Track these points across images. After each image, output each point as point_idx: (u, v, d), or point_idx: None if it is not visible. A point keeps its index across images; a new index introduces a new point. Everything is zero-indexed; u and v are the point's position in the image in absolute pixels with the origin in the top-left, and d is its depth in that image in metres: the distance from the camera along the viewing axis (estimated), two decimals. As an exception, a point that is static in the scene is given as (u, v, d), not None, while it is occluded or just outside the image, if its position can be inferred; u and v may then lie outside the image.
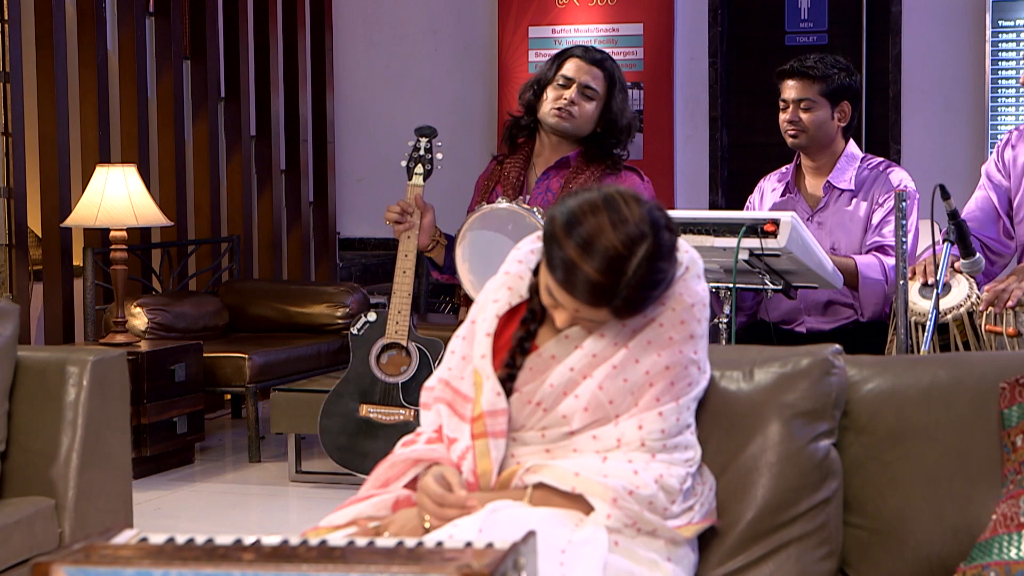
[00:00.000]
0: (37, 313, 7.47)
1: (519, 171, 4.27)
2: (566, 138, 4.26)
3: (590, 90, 4.25)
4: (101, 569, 1.66)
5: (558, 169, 4.24)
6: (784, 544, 2.73)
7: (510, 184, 4.25)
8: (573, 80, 4.25)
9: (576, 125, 4.23)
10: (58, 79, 7.16)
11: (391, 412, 4.24)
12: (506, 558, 1.66)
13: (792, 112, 4.69)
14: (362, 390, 4.30)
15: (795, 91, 4.68)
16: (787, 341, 4.56)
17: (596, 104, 4.25)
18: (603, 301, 2.52)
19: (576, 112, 4.23)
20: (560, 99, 4.23)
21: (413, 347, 4.27)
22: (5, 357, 3.87)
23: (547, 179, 4.25)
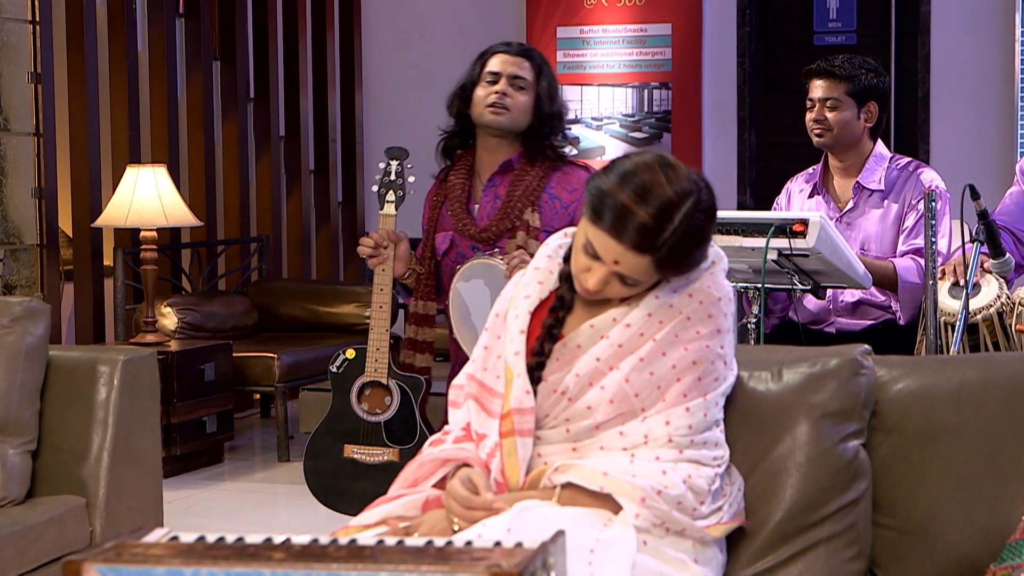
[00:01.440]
0: (68, 313, 7.51)
1: (463, 182, 4.15)
2: (504, 137, 4.13)
3: (520, 80, 4.12)
4: (132, 568, 1.67)
5: (503, 174, 4.13)
6: (813, 545, 2.72)
7: (456, 198, 4.13)
8: (500, 74, 4.13)
9: (513, 118, 4.09)
10: (89, 80, 7.19)
11: (375, 452, 4.11)
12: (535, 558, 1.66)
13: (818, 111, 4.68)
14: (344, 430, 4.17)
15: (821, 90, 4.68)
16: (816, 342, 4.55)
17: (528, 94, 4.12)
18: (649, 247, 2.55)
19: (510, 104, 4.09)
20: (491, 95, 4.10)
21: (393, 384, 4.13)
22: (36, 357, 3.90)
23: (493, 186, 4.13)
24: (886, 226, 4.66)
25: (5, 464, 3.76)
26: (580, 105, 8.60)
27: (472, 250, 4.09)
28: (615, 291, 2.64)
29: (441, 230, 4.16)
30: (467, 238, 4.09)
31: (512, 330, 2.72)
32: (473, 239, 4.08)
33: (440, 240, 4.15)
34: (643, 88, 8.51)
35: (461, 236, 4.11)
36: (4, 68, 7.24)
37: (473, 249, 4.09)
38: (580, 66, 8.60)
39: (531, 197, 4.06)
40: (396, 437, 4.10)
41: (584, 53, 8.59)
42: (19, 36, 7.23)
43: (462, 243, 4.11)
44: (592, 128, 8.58)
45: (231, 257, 8.35)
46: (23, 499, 3.80)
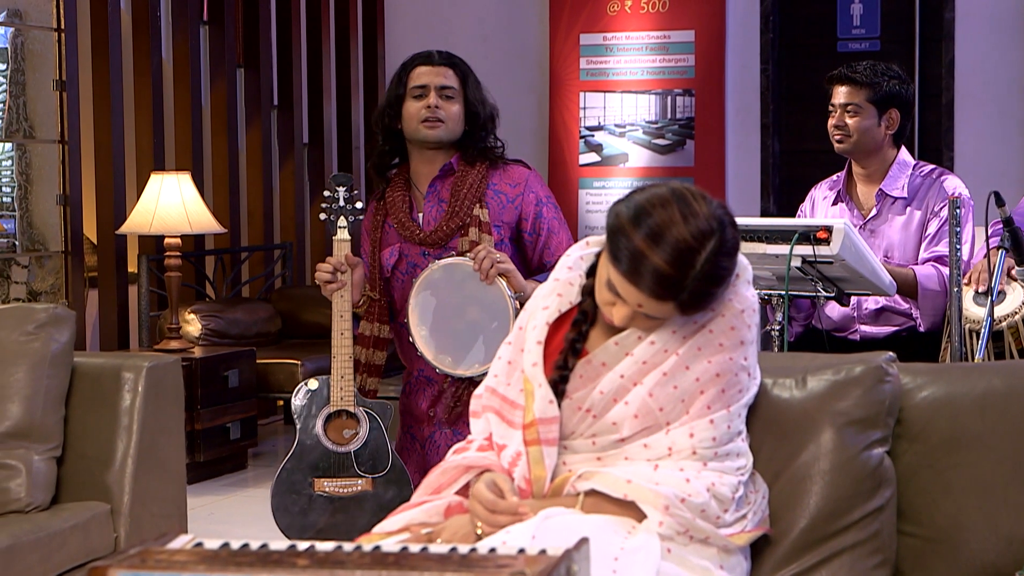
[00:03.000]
0: (92, 319, 7.53)
1: (402, 195, 4.10)
2: (440, 148, 4.09)
3: (448, 90, 4.07)
4: (156, 574, 1.68)
5: (443, 178, 4.08)
6: (837, 552, 2.71)
7: (398, 209, 4.08)
8: (427, 86, 4.08)
9: (449, 129, 4.06)
10: (113, 87, 7.22)
11: (347, 484, 3.98)
12: (559, 565, 1.66)
13: (838, 117, 4.68)
14: (312, 463, 4.03)
15: (842, 96, 4.67)
16: (840, 349, 4.54)
17: (457, 102, 4.08)
18: (669, 294, 2.52)
19: (443, 115, 4.05)
20: (423, 109, 4.05)
21: (361, 412, 4.02)
22: (61, 363, 3.91)
23: (435, 191, 4.08)
24: (909, 233, 4.65)
25: (30, 470, 3.77)
26: (603, 112, 8.60)
27: (423, 256, 4.04)
28: (641, 324, 2.62)
29: (386, 246, 4.11)
30: (416, 244, 4.05)
31: (530, 341, 2.71)
32: (423, 244, 4.04)
33: (387, 256, 4.10)
34: (666, 95, 8.50)
35: (410, 244, 4.07)
36: (29, 76, 7.26)
37: (424, 255, 4.04)
38: (603, 73, 8.60)
39: (477, 194, 4.04)
40: (368, 466, 4.00)
41: (607, 60, 8.58)
42: (44, 44, 7.27)
43: (411, 251, 4.07)
44: (615, 135, 8.58)
45: (255, 264, 8.37)
46: (48, 505, 3.81)
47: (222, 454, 6.80)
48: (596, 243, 2.76)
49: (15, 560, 3.54)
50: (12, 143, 7.56)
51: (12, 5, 7.30)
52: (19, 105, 7.43)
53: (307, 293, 8.13)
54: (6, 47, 7.45)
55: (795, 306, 4.66)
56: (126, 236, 7.26)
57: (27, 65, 7.32)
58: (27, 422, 3.80)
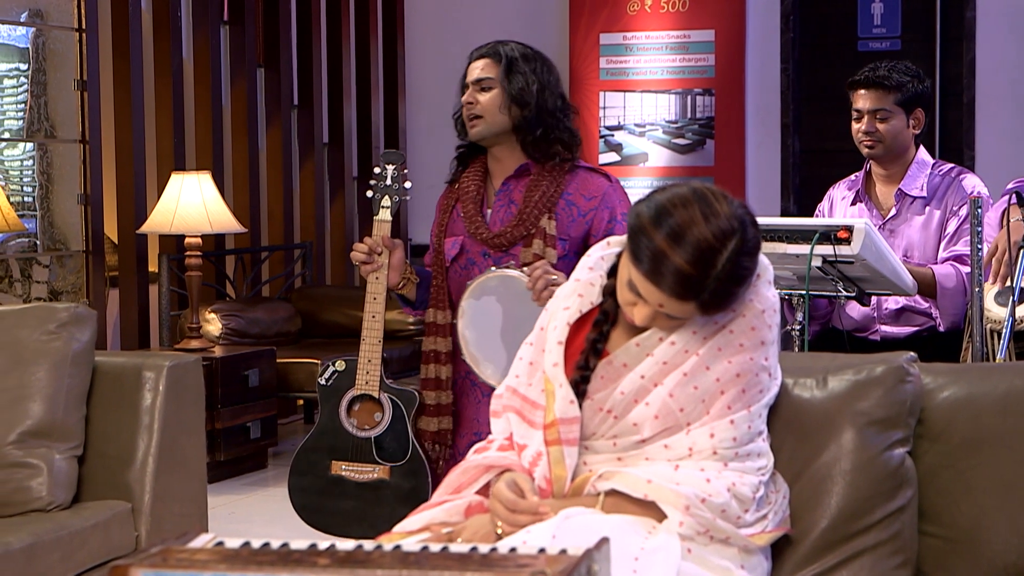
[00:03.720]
0: (113, 319, 7.56)
1: (477, 184, 3.96)
2: (500, 143, 3.93)
3: (484, 81, 3.92)
4: (178, 573, 1.68)
5: (518, 178, 3.94)
6: (858, 553, 2.71)
7: (469, 198, 3.94)
8: (468, 84, 3.97)
9: (487, 123, 3.87)
10: (134, 87, 7.24)
11: (364, 469, 3.86)
12: (580, 565, 1.66)
13: (868, 123, 4.64)
14: (332, 445, 3.91)
15: (870, 101, 4.63)
16: (861, 349, 4.53)
17: (495, 91, 3.91)
18: (690, 294, 2.52)
19: (479, 109, 3.89)
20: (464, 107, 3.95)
21: (385, 398, 3.90)
22: (83, 362, 3.92)
23: (507, 189, 3.94)
24: (929, 233, 4.64)
25: (52, 469, 3.78)
26: (623, 112, 8.59)
27: (483, 256, 3.90)
28: (663, 324, 2.62)
29: (451, 235, 3.98)
30: (479, 243, 3.91)
31: (550, 342, 2.71)
32: (486, 244, 3.89)
33: (449, 245, 3.97)
34: (686, 94, 8.49)
35: (473, 240, 3.92)
36: (51, 75, 7.29)
37: (484, 255, 3.90)
38: (623, 72, 8.60)
39: (548, 203, 3.87)
40: (387, 454, 3.89)
41: (627, 59, 8.58)
42: (65, 44, 7.29)
43: (473, 248, 3.93)
44: (635, 135, 8.57)
45: (275, 263, 8.38)
46: (69, 504, 3.83)
47: (242, 453, 6.81)
48: (617, 243, 2.76)
49: (36, 559, 3.55)
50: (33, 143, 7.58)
51: (34, 5, 7.33)
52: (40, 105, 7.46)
53: (327, 293, 8.14)
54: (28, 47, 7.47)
55: (812, 305, 4.65)
56: (147, 235, 7.28)
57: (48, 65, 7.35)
58: (48, 421, 3.81)
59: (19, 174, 7.81)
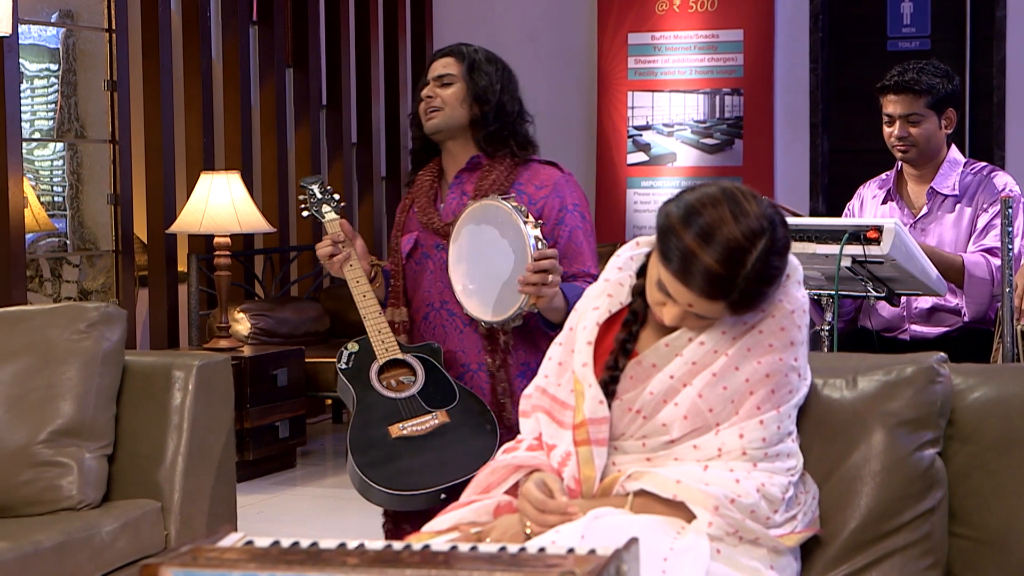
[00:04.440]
0: (142, 318, 7.59)
1: (431, 182, 3.97)
2: (455, 137, 3.92)
3: (445, 77, 3.91)
4: (207, 572, 1.68)
5: (470, 171, 3.93)
6: (888, 554, 2.70)
7: (423, 193, 3.96)
8: (428, 80, 3.96)
9: (446, 115, 3.88)
10: (163, 88, 7.27)
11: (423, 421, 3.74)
12: (608, 565, 1.66)
13: (900, 128, 4.61)
14: (382, 415, 3.77)
15: (901, 106, 4.60)
16: (891, 349, 4.51)
17: (457, 86, 3.90)
18: (720, 294, 2.51)
19: (438, 102, 3.88)
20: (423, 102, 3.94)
21: (410, 357, 3.83)
22: (113, 362, 3.93)
23: (460, 182, 3.93)
24: (960, 231, 4.62)
25: (82, 468, 3.79)
26: (651, 111, 8.59)
27: (436, 248, 3.89)
28: (692, 324, 2.62)
29: (406, 232, 3.99)
30: (432, 233, 3.90)
31: (580, 342, 2.71)
32: (438, 234, 3.88)
33: (405, 242, 3.97)
34: (715, 94, 8.48)
35: (426, 232, 3.92)
36: (81, 76, 7.32)
37: (437, 247, 3.89)
38: (651, 72, 8.59)
39: (499, 191, 3.83)
40: (437, 401, 3.78)
41: (655, 59, 8.57)
42: (95, 44, 7.32)
43: (427, 241, 3.92)
44: (663, 134, 8.57)
45: (303, 263, 8.40)
46: (99, 503, 3.84)
47: (271, 453, 6.83)
48: (646, 243, 2.75)
49: (66, 557, 3.57)
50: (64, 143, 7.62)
51: (64, 6, 7.36)
52: (70, 105, 7.49)
53: (356, 292, 8.15)
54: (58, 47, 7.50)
55: (839, 303, 4.63)
56: (176, 235, 7.30)
57: (78, 65, 7.38)
58: (79, 420, 3.83)
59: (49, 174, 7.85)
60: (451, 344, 3.88)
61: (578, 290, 3.66)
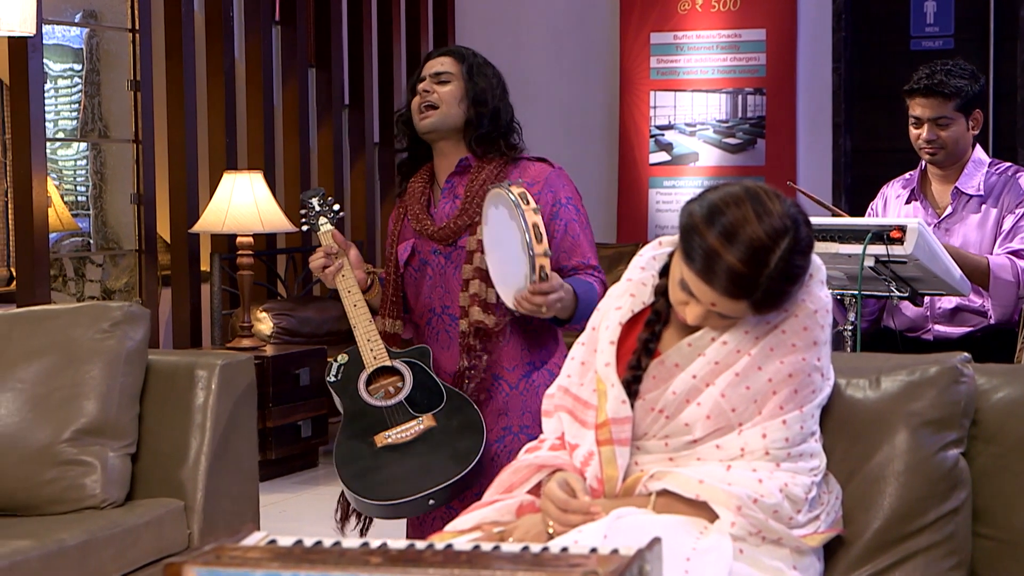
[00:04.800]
0: (165, 318, 7.61)
1: (423, 188, 3.93)
2: (448, 138, 3.87)
3: (443, 75, 3.86)
4: (231, 571, 1.68)
5: (460, 174, 3.88)
6: (912, 554, 2.69)
7: (415, 200, 3.91)
8: (424, 76, 3.90)
9: (442, 113, 3.83)
10: (187, 88, 7.29)
11: (408, 427, 3.70)
12: (631, 564, 1.66)
13: (928, 131, 4.58)
14: (367, 425, 3.74)
15: (930, 109, 4.58)
16: (914, 349, 4.50)
17: (455, 84, 3.85)
18: (743, 293, 2.51)
19: (435, 100, 3.83)
20: (418, 98, 3.86)
21: (399, 363, 3.79)
22: (136, 361, 3.94)
23: (451, 186, 3.88)
24: (985, 232, 4.60)
25: (105, 467, 3.81)
26: (673, 111, 8.58)
27: (434, 254, 3.86)
28: (715, 323, 2.62)
29: (402, 240, 3.95)
30: (427, 239, 3.87)
31: (602, 341, 2.71)
32: (433, 239, 3.85)
33: (402, 250, 3.93)
34: (737, 94, 8.47)
35: (421, 239, 3.89)
36: (104, 76, 7.35)
37: (435, 253, 3.86)
38: (674, 72, 8.58)
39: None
40: (423, 406, 3.74)
41: (678, 59, 8.56)
42: (119, 44, 7.35)
43: (424, 247, 3.89)
44: (685, 134, 8.56)
45: (325, 263, 8.40)
46: (123, 501, 3.85)
47: (293, 452, 6.84)
48: (669, 243, 2.75)
49: (90, 556, 3.58)
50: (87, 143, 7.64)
51: (88, 6, 7.39)
52: (94, 105, 7.52)
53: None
54: (81, 48, 7.53)
55: (862, 303, 4.62)
56: (199, 235, 7.32)
57: (102, 65, 7.41)
58: (102, 419, 3.84)
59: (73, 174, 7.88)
60: (455, 348, 3.83)
61: (583, 284, 3.66)
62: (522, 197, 3.49)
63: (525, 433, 3.73)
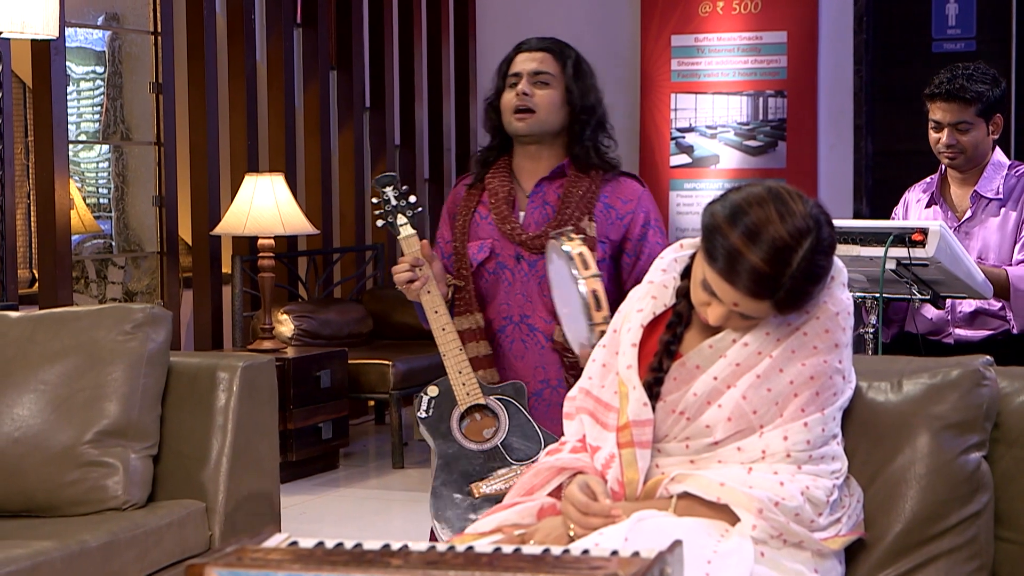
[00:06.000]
0: (187, 320, 7.63)
1: (507, 187, 3.76)
2: (542, 142, 3.75)
3: (542, 75, 3.74)
4: (252, 572, 1.69)
5: (551, 180, 3.77)
6: (933, 557, 2.69)
7: (500, 200, 3.75)
8: (521, 74, 3.75)
9: (541, 119, 3.71)
10: (208, 90, 7.30)
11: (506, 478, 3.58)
12: (652, 567, 1.66)
13: (948, 136, 4.57)
14: (464, 472, 3.62)
15: (950, 114, 4.56)
16: (935, 352, 4.48)
17: (555, 88, 3.73)
18: (766, 293, 2.51)
19: (534, 103, 3.70)
20: (514, 97, 3.72)
21: (494, 401, 3.65)
22: (158, 363, 3.95)
23: (540, 192, 3.76)
24: (1005, 235, 4.59)
25: (127, 468, 3.82)
26: (694, 113, 8.57)
27: (516, 259, 3.75)
28: (737, 324, 2.62)
29: (475, 238, 3.81)
30: (514, 244, 3.75)
31: (624, 344, 2.72)
32: (523, 246, 3.74)
33: (475, 249, 3.79)
34: (758, 96, 8.45)
35: (506, 241, 3.76)
36: (126, 78, 7.37)
37: (518, 259, 3.75)
38: (695, 74, 8.57)
39: (587, 205, 3.73)
40: (520, 452, 3.64)
41: (699, 61, 8.55)
42: (141, 47, 7.37)
43: (505, 251, 3.77)
44: (706, 136, 8.55)
45: (346, 265, 8.42)
46: (144, 503, 3.86)
47: (314, 454, 6.85)
48: (690, 245, 2.75)
49: (112, 557, 3.59)
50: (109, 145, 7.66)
51: (110, 9, 7.41)
52: (116, 107, 7.55)
53: (398, 294, 8.06)
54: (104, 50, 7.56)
55: (891, 308, 4.62)
56: (220, 237, 7.33)
57: (124, 68, 7.43)
58: (124, 421, 3.85)
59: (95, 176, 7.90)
60: (531, 359, 3.76)
61: None
62: (581, 261, 3.31)
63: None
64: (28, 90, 7.44)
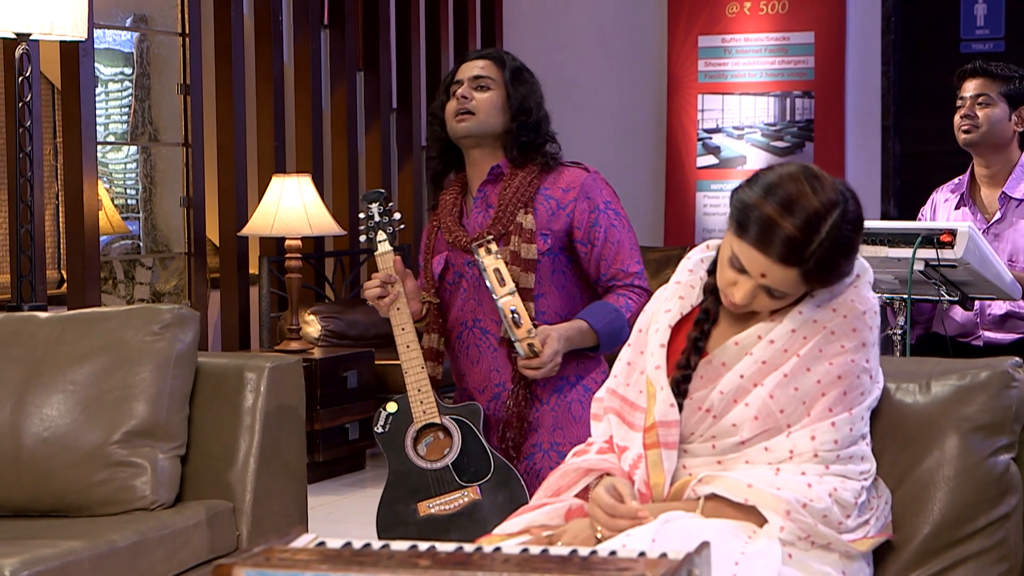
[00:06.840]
0: (214, 320, 7.65)
1: (455, 199, 3.82)
2: (483, 145, 3.77)
3: (482, 79, 3.74)
4: (280, 572, 1.69)
5: (493, 182, 3.78)
6: (962, 560, 2.68)
7: (447, 214, 3.80)
8: (462, 80, 3.77)
9: (481, 120, 3.72)
10: (236, 91, 7.32)
11: (452, 499, 3.66)
12: (680, 569, 1.66)
13: (968, 107, 4.62)
14: (413, 488, 3.71)
15: (974, 87, 4.63)
16: (964, 354, 4.47)
17: (495, 92, 3.74)
18: (796, 259, 2.53)
19: (474, 106, 3.72)
20: (455, 102, 3.74)
21: (448, 421, 3.71)
22: (186, 363, 3.96)
23: (483, 195, 3.77)
24: (1034, 236, 4.58)
25: (155, 468, 3.83)
26: (721, 114, 8.55)
27: (468, 265, 3.75)
28: (762, 304, 2.62)
29: (436, 253, 3.86)
30: (460, 251, 3.77)
31: (652, 344, 2.72)
32: (467, 251, 3.74)
33: (436, 263, 3.84)
34: (785, 97, 8.44)
35: (454, 250, 3.79)
36: (154, 80, 7.40)
37: (468, 264, 3.75)
38: (722, 75, 8.56)
39: (523, 199, 3.72)
40: (470, 474, 3.69)
41: (726, 62, 8.54)
42: (169, 48, 7.39)
43: (457, 260, 3.80)
44: (733, 137, 8.53)
45: (373, 266, 8.42)
46: (172, 503, 3.87)
47: (341, 454, 6.86)
48: (716, 246, 2.76)
49: (140, 556, 3.60)
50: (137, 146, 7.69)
51: (138, 10, 7.44)
52: (144, 109, 7.57)
53: (425, 295, 8.17)
54: (132, 52, 7.59)
55: (916, 309, 4.60)
56: (247, 238, 7.35)
57: (152, 69, 7.46)
58: (152, 421, 3.86)
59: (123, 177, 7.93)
60: (485, 363, 3.79)
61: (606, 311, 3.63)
62: (497, 277, 3.45)
63: (556, 451, 3.67)
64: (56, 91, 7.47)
